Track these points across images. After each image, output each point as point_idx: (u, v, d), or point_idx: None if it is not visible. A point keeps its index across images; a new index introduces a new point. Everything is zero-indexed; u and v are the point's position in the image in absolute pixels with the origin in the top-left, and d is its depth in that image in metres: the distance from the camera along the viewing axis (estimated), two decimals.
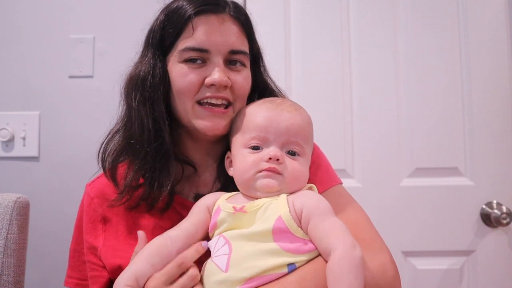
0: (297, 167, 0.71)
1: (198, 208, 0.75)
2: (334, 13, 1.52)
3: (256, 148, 0.72)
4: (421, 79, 1.48)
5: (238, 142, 0.75)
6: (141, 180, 0.79)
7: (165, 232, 0.72)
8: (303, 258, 0.65)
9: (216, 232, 0.70)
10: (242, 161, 0.72)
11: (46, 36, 1.52)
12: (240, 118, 0.78)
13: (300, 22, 1.52)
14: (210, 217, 0.74)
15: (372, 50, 1.50)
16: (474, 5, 1.48)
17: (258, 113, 0.75)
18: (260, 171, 0.69)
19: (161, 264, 0.67)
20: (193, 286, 0.65)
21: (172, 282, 0.65)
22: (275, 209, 0.67)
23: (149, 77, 0.79)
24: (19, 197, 1.02)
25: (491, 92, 1.46)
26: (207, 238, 0.73)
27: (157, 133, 0.78)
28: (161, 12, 0.83)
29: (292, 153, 0.72)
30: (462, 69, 1.47)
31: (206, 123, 0.78)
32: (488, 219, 1.40)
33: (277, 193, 0.70)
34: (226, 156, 0.79)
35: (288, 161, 0.71)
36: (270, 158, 0.69)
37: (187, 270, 0.66)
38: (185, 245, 0.70)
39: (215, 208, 0.73)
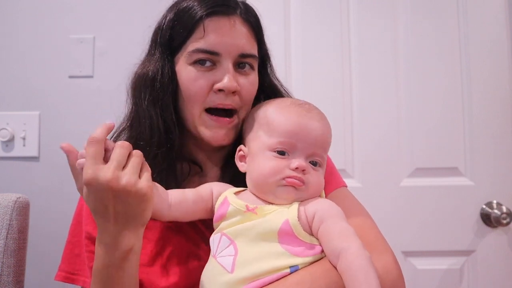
0: (318, 179, 0.71)
1: (203, 188, 0.75)
2: (334, 14, 1.52)
3: (281, 153, 0.70)
4: (421, 79, 1.48)
5: (261, 143, 0.72)
6: None
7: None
8: (308, 260, 0.65)
9: (222, 224, 0.70)
10: (265, 164, 0.69)
11: (46, 36, 1.52)
12: (261, 115, 0.75)
13: (300, 24, 1.52)
14: (211, 201, 0.74)
15: (372, 51, 1.50)
16: (474, 6, 1.48)
17: (287, 116, 0.71)
18: (284, 178, 0.68)
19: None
20: (129, 153, 0.65)
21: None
22: (284, 214, 0.67)
23: (159, 77, 0.78)
24: (19, 197, 1.02)
25: (491, 92, 1.46)
26: (200, 214, 0.74)
27: (167, 136, 0.78)
28: (170, 10, 0.82)
29: (314, 164, 0.71)
30: (462, 70, 1.47)
31: (212, 134, 0.78)
32: (488, 219, 1.40)
33: (292, 202, 0.69)
34: (238, 149, 0.77)
35: (312, 172, 0.70)
36: (297, 168, 0.68)
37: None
38: (177, 206, 0.71)
39: (221, 198, 0.72)
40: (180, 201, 0.72)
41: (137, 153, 0.66)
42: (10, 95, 1.50)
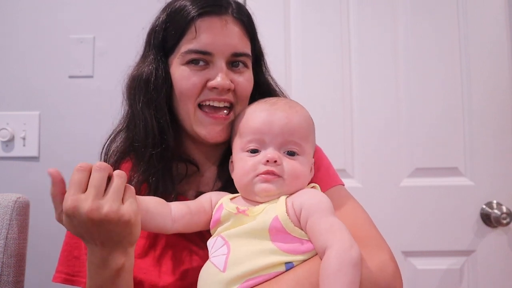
0: (297, 166, 0.70)
1: (204, 198, 0.76)
2: (334, 15, 1.52)
3: (254, 151, 0.72)
4: (421, 79, 1.48)
5: (237, 146, 0.75)
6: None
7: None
8: (301, 257, 0.65)
9: (218, 229, 0.71)
10: (240, 165, 0.72)
11: (46, 36, 1.52)
12: (237, 121, 0.78)
13: (300, 24, 1.52)
14: (211, 210, 0.74)
15: (372, 51, 1.50)
16: (474, 7, 1.48)
17: (253, 115, 0.74)
18: (258, 175, 0.69)
19: (153, 210, 0.68)
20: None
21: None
22: (273, 210, 0.67)
23: (152, 79, 0.79)
24: (19, 197, 1.02)
25: (491, 92, 1.46)
26: (203, 225, 0.74)
27: (162, 136, 0.78)
28: (163, 11, 0.82)
29: (291, 153, 0.71)
30: (462, 69, 1.47)
31: (208, 131, 0.78)
32: (488, 219, 1.40)
33: (277, 196, 0.69)
34: (230, 160, 0.79)
35: (287, 161, 0.70)
36: (267, 161, 0.69)
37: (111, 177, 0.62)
38: (181, 219, 0.71)
39: (217, 205, 0.73)
40: (183, 215, 0.72)
41: (120, 174, 0.62)
42: (10, 95, 1.50)
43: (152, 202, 0.70)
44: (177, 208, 0.72)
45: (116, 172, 0.63)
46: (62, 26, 1.52)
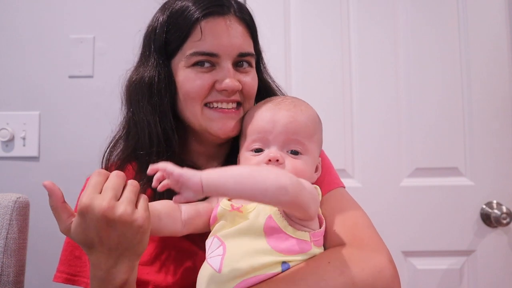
0: (299, 166, 0.71)
1: (212, 198, 0.76)
2: (334, 15, 1.51)
3: (258, 150, 0.72)
4: (421, 78, 1.48)
5: (243, 145, 0.76)
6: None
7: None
8: (297, 258, 0.65)
9: (215, 228, 0.71)
10: (244, 164, 0.73)
11: (46, 36, 1.52)
12: (244, 121, 0.78)
13: (300, 24, 1.52)
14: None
15: (372, 51, 1.50)
16: (474, 7, 1.48)
17: (257, 115, 0.74)
18: None
19: (164, 216, 0.68)
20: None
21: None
22: (266, 209, 0.67)
23: (155, 83, 0.77)
24: (19, 197, 1.02)
25: (491, 92, 1.46)
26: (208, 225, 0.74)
27: (167, 143, 0.77)
28: (163, 12, 0.80)
29: (294, 153, 0.71)
30: (462, 68, 1.47)
31: (220, 125, 0.77)
32: (488, 219, 1.40)
33: None
34: (238, 158, 0.79)
35: (290, 160, 0.70)
36: (269, 160, 0.69)
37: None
38: (191, 222, 0.71)
39: (217, 203, 0.74)
40: (193, 217, 0.72)
41: (134, 183, 0.63)
42: (10, 95, 1.50)
43: (164, 210, 0.69)
44: (187, 211, 0.72)
45: (130, 181, 0.63)
46: (62, 26, 1.52)
